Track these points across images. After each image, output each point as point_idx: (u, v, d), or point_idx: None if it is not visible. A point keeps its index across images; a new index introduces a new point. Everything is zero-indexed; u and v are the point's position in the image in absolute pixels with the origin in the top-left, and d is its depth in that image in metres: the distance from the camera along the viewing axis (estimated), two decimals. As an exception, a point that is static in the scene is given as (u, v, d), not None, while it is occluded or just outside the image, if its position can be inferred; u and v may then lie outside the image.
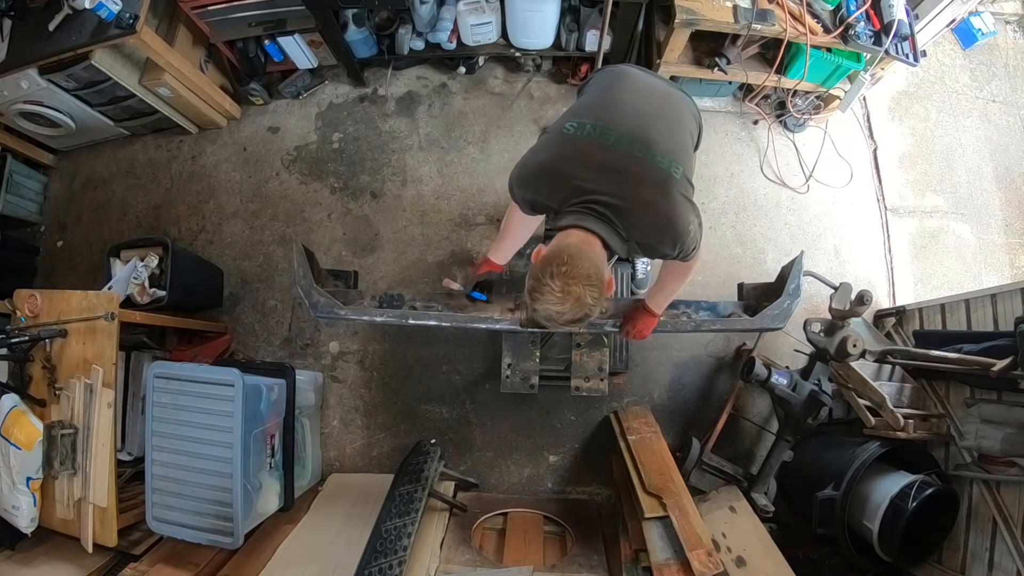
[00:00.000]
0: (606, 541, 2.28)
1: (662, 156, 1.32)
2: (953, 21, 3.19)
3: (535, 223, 1.78)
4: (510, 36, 2.91)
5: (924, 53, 2.77)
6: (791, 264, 1.92)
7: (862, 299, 2.03)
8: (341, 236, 2.91)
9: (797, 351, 2.63)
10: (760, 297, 2.03)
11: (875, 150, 3.15)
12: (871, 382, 2.19)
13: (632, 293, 2.57)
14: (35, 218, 3.07)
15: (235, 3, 2.58)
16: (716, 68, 2.73)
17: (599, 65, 2.80)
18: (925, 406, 2.36)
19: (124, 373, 2.35)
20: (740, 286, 2.19)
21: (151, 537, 2.11)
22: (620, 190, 1.27)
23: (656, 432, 2.34)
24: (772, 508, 2.36)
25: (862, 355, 2.05)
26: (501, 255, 1.88)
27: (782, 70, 2.75)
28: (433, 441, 2.52)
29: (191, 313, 2.77)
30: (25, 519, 1.93)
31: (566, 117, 1.43)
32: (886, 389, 2.26)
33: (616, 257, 2.00)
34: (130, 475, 2.27)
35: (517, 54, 2.97)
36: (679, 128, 1.47)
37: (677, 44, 2.59)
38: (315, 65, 3.00)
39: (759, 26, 2.44)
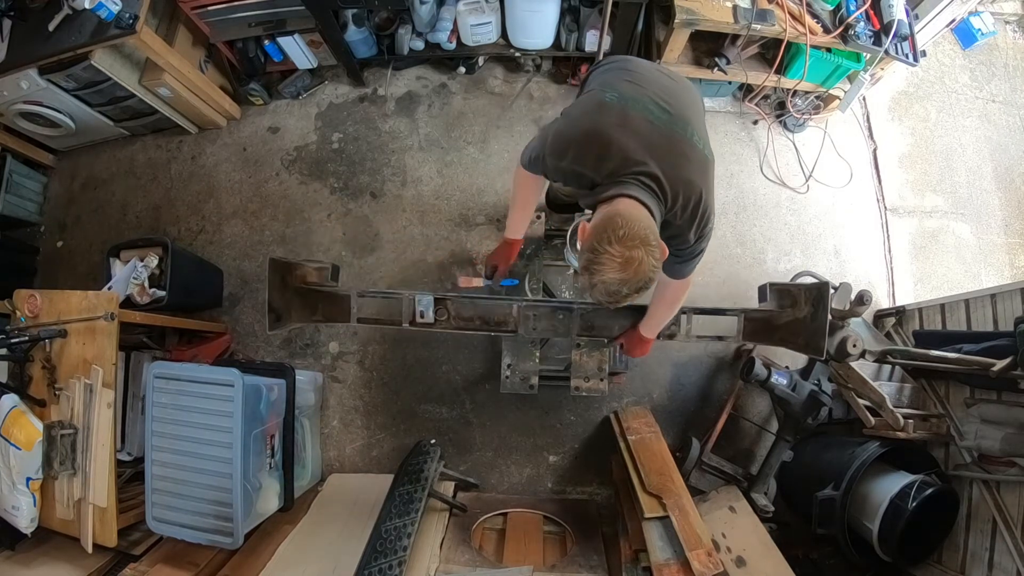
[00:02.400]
0: (606, 541, 2.28)
1: (699, 137, 1.31)
2: (953, 21, 3.19)
3: (542, 189, 1.72)
4: (510, 36, 2.91)
5: (924, 53, 2.77)
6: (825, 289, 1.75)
7: (862, 299, 2.03)
8: (341, 236, 2.91)
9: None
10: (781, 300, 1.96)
11: (875, 150, 3.15)
12: (871, 382, 2.19)
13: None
14: (35, 218, 3.07)
15: (235, 3, 2.58)
16: (716, 68, 2.74)
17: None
18: (925, 406, 2.37)
19: (124, 373, 2.35)
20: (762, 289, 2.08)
21: (151, 537, 2.10)
22: (666, 166, 1.23)
23: (656, 432, 2.34)
24: (772, 508, 2.36)
25: (862, 355, 2.05)
26: (519, 229, 1.84)
27: (782, 70, 2.75)
28: (433, 441, 2.52)
29: (191, 313, 2.77)
30: (25, 519, 1.93)
31: (597, 86, 1.37)
32: (886, 389, 2.26)
33: None
34: (130, 475, 2.27)
35: (517, 54, 2.97)
36: (700, 111, 1.48)
37: (677, 44, 2.59)
38: (315, 65, 3.00)
39: (759, 26, 2.44)
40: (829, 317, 1.70)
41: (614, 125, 1.25)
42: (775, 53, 2.60)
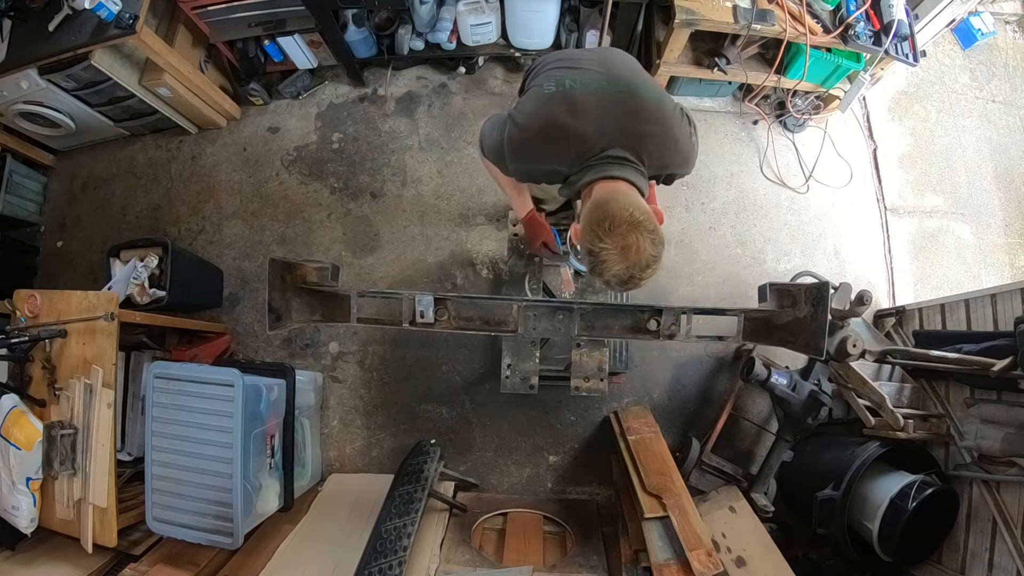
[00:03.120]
0: (606, 541, 2.28)
1: (644, 85, 1.30)
2: (953, 21, 3.19)
3: None
4: (510, 36, 2.91)
5: (924, 53, 2.77)
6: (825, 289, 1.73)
7: (862, 299, 2.02)
8: (341, 236, 2.91)
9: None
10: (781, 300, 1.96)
11: (875, 150, 3.15)
12: (871, 382, 2.19)
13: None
14: (35, 218, 3.07)
15: (235, 3, 2.58)
16: (716, 68, 2.74)
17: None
18: (925, 406, 2.36)
19: (124, 373, 2.35)
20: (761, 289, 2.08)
21: (151, 537, 2.10)
22: (625, 129, 1.23)
23: (656, 432, 2.33)
24: (772, 508, 2.36)
25: (862, 355, 2.05)
26: (526, 204, 1.80)
27: (782, 70, 2.75)
28: (433, 441, 2.52)
29: (191, 313, 2.77)
30: (25, 519, 1.93)
31: (534, 84, 1.36)
32: (886, 389, 2.26)
33: None
34: (130, 475, 2.26)
35: (517, 54, 2.97)
36: (637, 66, 1.47)
37: (677, 44, 2.59)
38: (315, 65, 3.00)
39: (759, 26, 2.44)
40: (829, 317, 1.70)
41: (563, 113, 1.25)
42: (775, 53, 2.60)
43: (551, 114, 1.26)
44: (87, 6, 2.15)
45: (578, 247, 1.23)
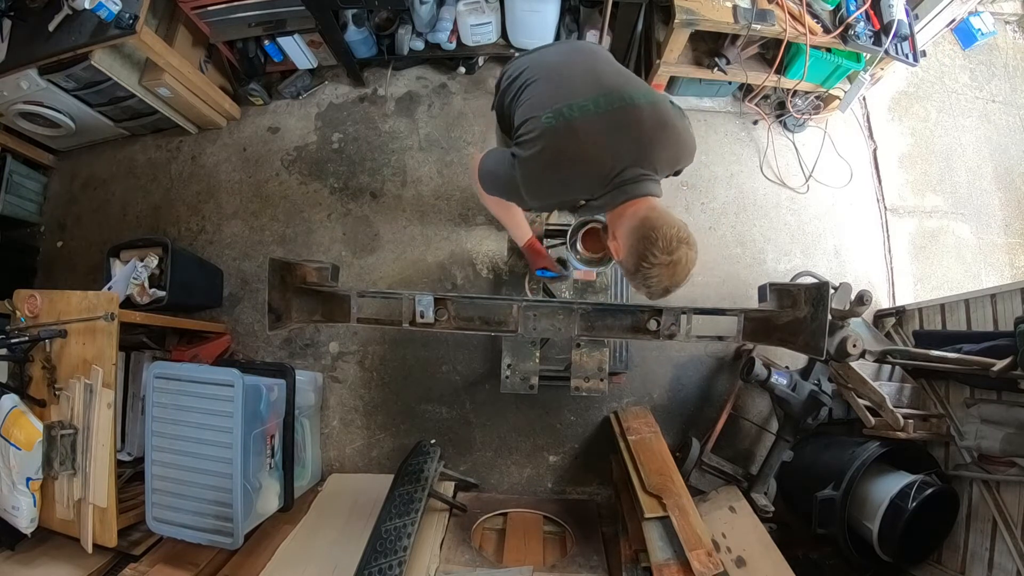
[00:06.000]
0: (606, 541, 2.28)
1: (635, 93, 1.31)
2: (953, 21, 3.19)
3: None
4: (510, 36, 2.91)
5: (924, 53, 2.77)
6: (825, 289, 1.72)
7: (862, 299, 2.02)
8: (341, 236, 2.91)
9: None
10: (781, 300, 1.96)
11: (875, 150, 3.15)
12: (871, 382, 2.19)
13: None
14: (35, 218, 3.07)
15: (235, 3, 2.58)
16: (716, 68, 2.74)
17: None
18: (925, 406, 2.37)
19: (124, 373, 2.35)
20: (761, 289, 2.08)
21: (151, 537, 2.10)
22: (635, 145, 1.27)
23: (656, 432, 2.33)
24: (772, 508, 2.36)
25: (862, 355, 2.05)
26: (524, 232, 1.82)
27: (782, 70, 2.75)
28: (433, 441, 2.52)
29: (191, 313, 2.77)
30: (25, 519, 1.93)
31: (530, 114, 1.34)
32: (886, 389, 2.26)
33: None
34: (130, 475, 2.27)
35: (517, 54, 2.96)
36: (613, 63, 1.48)
37: (677, 44, 2.59)
38: (315, 65, 3.00)
39: (759, 26, 2.44)
40: (829, 317, 1.70)
41: (572, 145, 1.27)
42: (775, 53, 2.60)
43: (561, 149, 1.27)
44: (87, 6, 2.15)
45: (620, 264, 1.29)
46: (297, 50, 2.85)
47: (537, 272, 1.97)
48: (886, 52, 2.50)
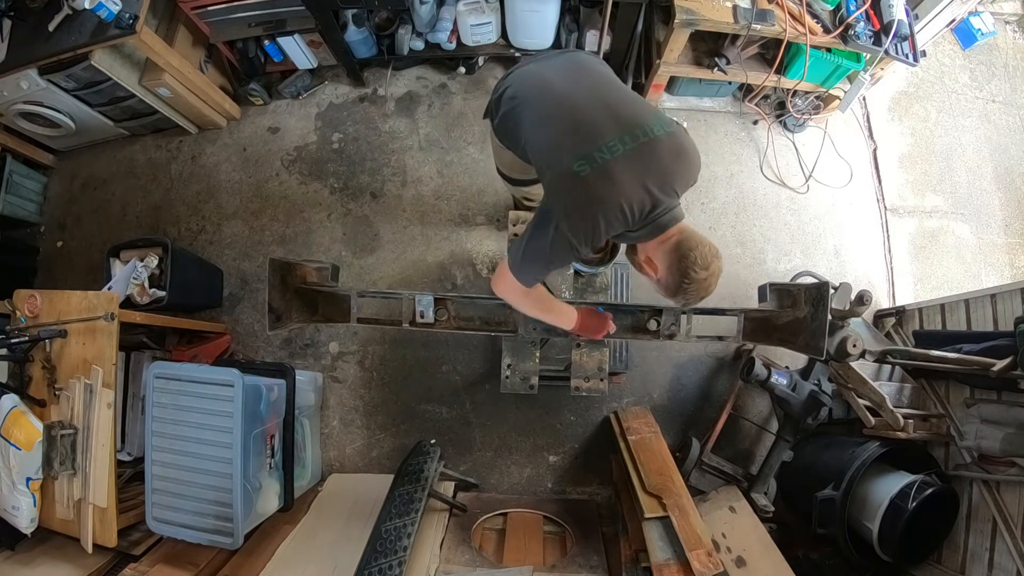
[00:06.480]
0: (606, 541, 2.28)
1: (652, 123, 1.33)
2: (953, 21, 3.19)
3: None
4: (510, 36, 2.91)
5: (924, 53, 2.77)
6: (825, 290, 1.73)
7: (862, 299, 2.02)
8: (341, 236, 2.91)
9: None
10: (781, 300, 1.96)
11: (875, 150, 3.15)
12: (871, 382, 2.19)
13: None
14: (35, 218, 3.07)
15: (235, 3, 2.58)
16: (716, 68, 2.74)
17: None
18: (925, 406, 2.37)
19: (124, 373, 2.35)
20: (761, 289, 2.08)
21: (151, 537, 2.10)
22: (661, 178, 1.32)
23: (656, 432, 2.33)
24: (772, 508, 2.36)
25: (862, 355, 2.05)
26: (571, 312, 1.77)
27: (782, 70, 2.75)
28: (433, 441, 2.52)
29: (191, 313, 2.77)
30: (25, 519, 1.93)
31: (555, 163, 1.36)
32: (886, 389, 2.26)
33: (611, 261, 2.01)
34: (130, 475, 2.27)
35: (517, 54, 2.97)
36: (619, 85, 1.49)
37: (677, 44, 2.59)
38: (315, 65, 3.00)
39: (759, 26, 2.44)
40: (829, 317, 1.71)
41: (609, 191, 1.29)
42: (775, 53, 2.60)
43: (599, 197, 1.29)
44: (87, 6, 2.15)
45: (659, 282, 1.42)
46: (297, 50, 2.85)
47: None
48: (886, 52, 2.50)
